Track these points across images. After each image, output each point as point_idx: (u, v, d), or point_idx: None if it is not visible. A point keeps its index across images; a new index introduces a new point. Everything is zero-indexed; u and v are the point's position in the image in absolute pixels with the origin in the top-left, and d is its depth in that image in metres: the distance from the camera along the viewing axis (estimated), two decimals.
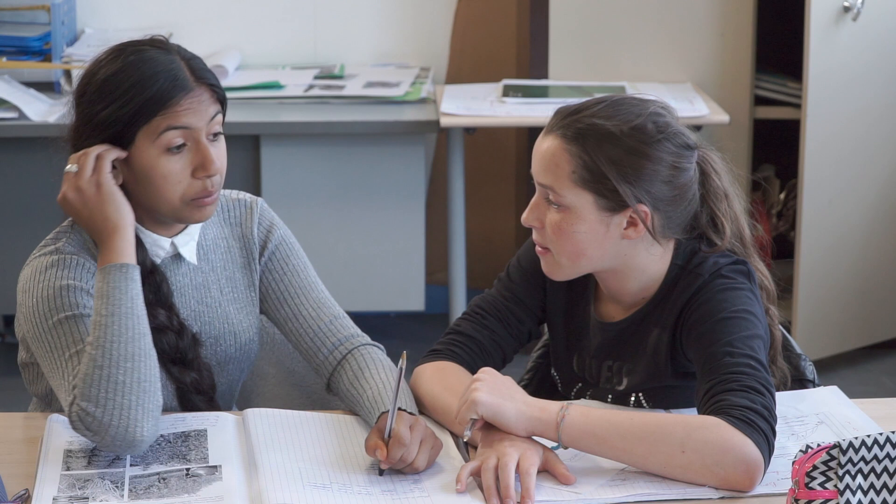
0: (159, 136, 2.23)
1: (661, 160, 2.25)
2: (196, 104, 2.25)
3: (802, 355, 2.59)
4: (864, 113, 4.56)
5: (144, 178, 2.26)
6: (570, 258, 2.29)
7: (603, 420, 2.14)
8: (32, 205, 4.60)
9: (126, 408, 2.15)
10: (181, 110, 2.24)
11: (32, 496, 2.09)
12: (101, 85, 2.26)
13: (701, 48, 4.81)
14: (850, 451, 1.87)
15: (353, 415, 2.36)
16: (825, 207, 4.56)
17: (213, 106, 2.28)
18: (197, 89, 2.26)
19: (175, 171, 2.25)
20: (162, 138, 2.24)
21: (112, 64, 2.26)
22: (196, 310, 2.40)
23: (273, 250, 2.47)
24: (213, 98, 2.28)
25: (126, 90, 2.23)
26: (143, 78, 2.23)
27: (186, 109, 2.24)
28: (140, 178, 2.27)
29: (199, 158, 2.26)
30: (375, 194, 4.77)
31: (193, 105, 2.25)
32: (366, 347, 2.42)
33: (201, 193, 2.27)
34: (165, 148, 2.24)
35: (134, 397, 2.15)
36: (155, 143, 2.24)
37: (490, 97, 4.57)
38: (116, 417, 2.14)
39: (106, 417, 2.14)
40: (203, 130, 2.26)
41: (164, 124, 2.23)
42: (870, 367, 4.80)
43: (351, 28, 5.01)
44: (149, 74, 2.24)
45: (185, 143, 2.25)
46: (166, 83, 2.23)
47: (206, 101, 2.27)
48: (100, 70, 2.27)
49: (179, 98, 2.23)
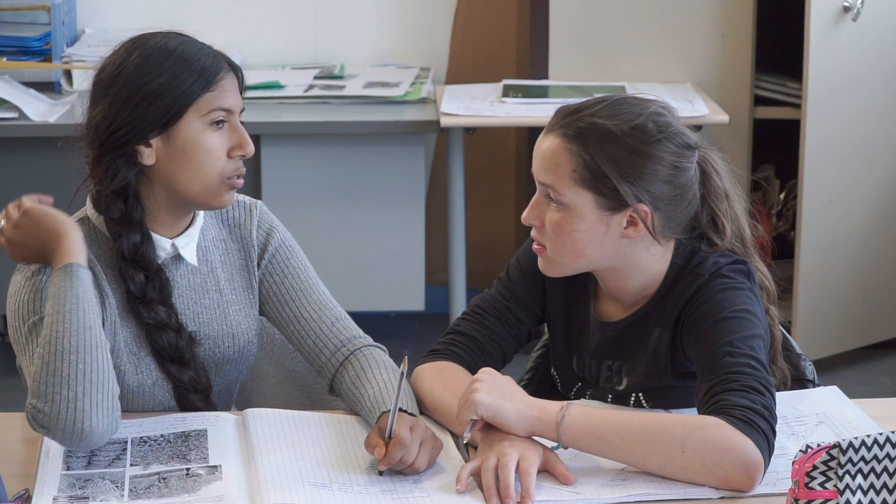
0: (208, 113, 2.28)
1: (662, 160, 2.25)
2: (232, 86, 2.32)
3: (802, 355, 2.59)
4: (864, 113, 4.56)
5: (188, 152, 2.28)
6: (570, 257, 2.29)
7: (603, 420, 2.14)
8: None
9: (72, 400, 2.14)
10: (226, 88, 2.30)
11: (32, 496, 2.09)
12: (140, 65, 2.27)
13: (701, 48, 4.81)
14: (850, 451, 1.87)
15: (354, 415, 2.36)
16: (825, 207, 4.56)
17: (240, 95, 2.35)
18: (231, 73, 2.32)
19: (217, 146, 2.30)
20: (210, 115, 2.28)
21: (146, 45, 2.29)
22: (195, 310, 2.40)
23: (273, 253, 2.47)
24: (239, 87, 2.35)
25: (173, 63, 2.27)
26: (188, 53, 2.28)
27: (229, 88, 2.30)
28: (182, 154, 2.29)
29: (236, 138, 2.31)
30: (375, 194, 4.78)
31: (232, 87, 2.32)
32: (368, 349, 2.42)
33: (235, 172, 2.32)
34: (211, 122, 2.28)
35: (80, 389, 2.15)
36: (202, 118, 2.28)
37: (490, 97, 4.57)
38: (64, 411, 2.14)
39: (54, 412, 2.14)
40: (237, 111, 2.32)
41: (214, 102, 2.28)
42: (870, 367, 4.80)
43: (351, 28, 5.01)
44: (192, 51, 2.29)
45: (226, 121, 2.30)
46: (210, 59, 2.29)
47: (236, 86, 2.33)
48: (132, 54, 2.28)
49: (223, 75, 2.30)
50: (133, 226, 2.31)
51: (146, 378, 2.35)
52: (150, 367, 2.35)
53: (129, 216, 2.30)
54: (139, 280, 2.32)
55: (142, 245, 2.31)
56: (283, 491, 2.09)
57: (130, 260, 2.31)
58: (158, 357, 2.35)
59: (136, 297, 2.32)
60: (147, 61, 2.27)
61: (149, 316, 2.33)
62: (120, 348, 2.33)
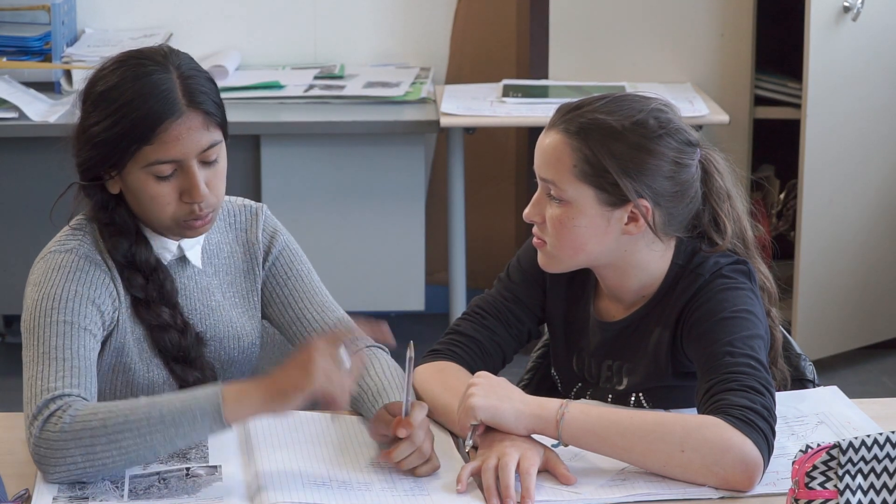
0: (148, 166, 2.23)
1: (663, 155, 2.26)
2: (185, 132, 2.22)
3: (802, 355, 2.59)
4: (864, 113, 4.56)
5: (135, 196, 2.27)
6: (570, 252, 2.29)
7: (603, 418, 2.14)
8: (32, 205, 4.60)
9: (72, 463, 2.09)
10: (169, 140, 2.21)
11: (32, 496, 2.09)
12: (98, 99, 2.25)
13: (701, 48, 4.81)
14: (849, 451, 1.87)
15: (354, 414, 2.36)
16: (825, 207, 4.56)
17: (207, 134, 2.24)
18: (188, 114, 2.22)
19: (163, 193, 2.25)
20: (150, 168, 2.23)
21: (111, 76, 2.25)
22: (200, 312, 2.40)
23: (277, 255, 2.47)
24: (207, 124, 2.24)
25: (117, 109, 2.22)
26: (135, 97, 2.21)
27: (175, 139, 2.21)
28: (133, 196, 2.28)
29: (185, 185, 2.24)
30: (375, 194, 4.77)
31: (182, 133, 2.22)
32: (370, 349, 2.42)
33: (190, 217, 2.27)
34: (154, 175, 2.24)
35: (86, 464, 2.10)
36: (143, 169, 2.24)
37: (490, 97, 4.57)
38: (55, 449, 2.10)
39: (51, 444, 2.10)
40: (192, 157, 2.24)
41: (152, 156, 2.22)
42: (870, 367, 4.80)
43: (351, 28, 5.01)
44: (140, 94, 2.21)
45: (175, 169, 2.24)
46: (155, 105, 2.21)
47: (196, 127, 2.23)
48: (99, 81, 2.26)
49: (168, 125, 2.21)
50: (122, 232, 2.31)
51: (157, 377, 2.36)
52: (160, 366, 2.36)
53: (114, 223, 2.31)
54: (138, 282, 2.32)
55: (132, 248, 2.31)
56: (283, 491, 2.09)
57: (125, 263, 2.31)
58: (163, 357, 2.35)
59: (139, 299, 2.33)
60: (100, 99, 2.24)
61: (152, 317, 2.33)
62: (131, 347, 2.33)
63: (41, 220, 2.56)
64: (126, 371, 2.34)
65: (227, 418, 2.10)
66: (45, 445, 2.10)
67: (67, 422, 2.10)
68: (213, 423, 2.10)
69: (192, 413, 2.10)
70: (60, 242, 2.31)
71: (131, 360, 2.33)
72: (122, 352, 2.32)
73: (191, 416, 2.10)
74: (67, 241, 2.31)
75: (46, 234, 2.39)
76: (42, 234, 2.47)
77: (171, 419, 2.10)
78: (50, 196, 2.38)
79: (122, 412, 2.11)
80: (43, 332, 2.22)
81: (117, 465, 2.11)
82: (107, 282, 2.30)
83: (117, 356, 2.32)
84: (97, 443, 2.09)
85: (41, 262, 2.30)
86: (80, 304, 2.25)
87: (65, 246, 2.30)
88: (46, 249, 2.32)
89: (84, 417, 2.11)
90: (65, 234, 2.33)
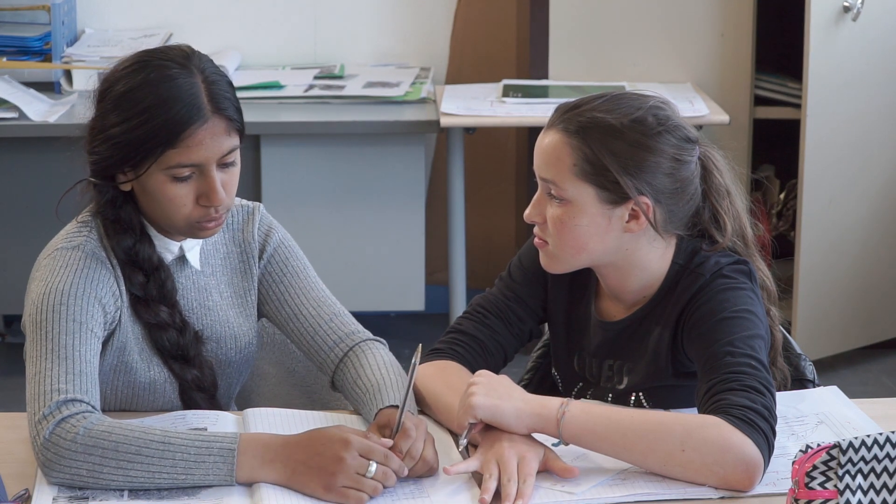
0: (169, 169, 2.23)
1: (663, 152, 2.26)
2: (209, 137, 2.23)
3: (802, 355, 2.59)
4: (864, 113, 4.56)
5: (153, 195, 2.26)
6: (571, 252, 2.29)
7: (603, 417, 2.14)
8: (32, 205, 4.61)
9: (76, 465, 2.09)
10: (193, 145, 2.21)
11: (32, 496, 2.09)
12: (119, 99, 2.23)
13: (701, 48, 4.81)
14: (850, 451, 1.87)
15: (354, 414, 2.36)
16: (825, 207, 4.56)
17: (228, 140, 2.25)
18: (212, 119, 2.23)
19: (181, 195, 2.25)
20: (172, 171, 2.23)
21: (133, 77, 2.24)
22: (198, 312, 2.40)
23: (272, 253, 2.47)
24: (229, 130, 2.25)
25: (141, 111, 2.21)
26: (160, 101, 2.20)
27: (198, 144, 2.21)
28: (149, 195, 2.27)
29: (204, 188, 2.25)
30: (375, 194, 4.77)
31: (206, 138, 2.22)
32: (367, 343, 2.42)
33: (205, 218, 2.27)
34: (173, 177, 2.24)
35: (85, 478, 2.09)
36: (164, 171, 2.23)
37: (490, 97, 4.57)
38: (63, 457, 2.09)
39: (60, 451, 2.09)
40: (213, 162, 2.24)
41: (174, 160, 2.22)
42: (870, 367, 4.80)
43: (351, 28, 5.01)
44: (165, 98, 2.21)
45: (193, 172, 2.24)
46: (182, 110, 2.20)
47: (220, 133, 2.24)
48: (119, 81, 2.24)
49: (193, 130, 2.21)
50: (125, 230, 2.31)
51: (158, 375, 2.36)
52: (160, 364, 2.36)
53: (120, 220, 2.31)
54: (139, 280, 2.32)
55: (135, 246, 2.31)
56: (283, 491, 2.09)
57: (127, 261, 2.31)
58: (162, 356, 2.35)
59: (138, 298, 2.33)
60: (122, 100, 2.23)
61: (150, 315, 2.33)
62: (132, 346, 2.33)
63: (41, 220, 2.57)
64: (128, 371, 2.33)
65: (238, 480, 2.10)
66: (53, 450, 2.10)
67: (81, 433, 2.10)
68: (223, 482, 2.10)
69: (204, 469, 2.09)
70: (67, 239, 2.31)
71: (132, 359, 2.33)
72: (124, 350, 2.32)
73: (202, 472, 2.09)
74: (74, 238, 2.31)
75: (47, 234, 2.39)
76: (42, 234, 2.47)
77: (184, 467, 2.09)
78: (50, 196, 2.38)
79: (135, 442, 2.09)
80: (52, 328, 2.21)
81: (119, 487, 2.10)
82: (111, 280, 2.30)
83: (119, 356, 2.32)
84: (106, 465, 2.09)
85: (48, 259, 2.29)
86: (87, 302, 2.24)
87: (71, 242, 2.30)
88: (53, 245, 2.32)
89: (98, 435, 2.10)
90: (71, 230, 2.33)
